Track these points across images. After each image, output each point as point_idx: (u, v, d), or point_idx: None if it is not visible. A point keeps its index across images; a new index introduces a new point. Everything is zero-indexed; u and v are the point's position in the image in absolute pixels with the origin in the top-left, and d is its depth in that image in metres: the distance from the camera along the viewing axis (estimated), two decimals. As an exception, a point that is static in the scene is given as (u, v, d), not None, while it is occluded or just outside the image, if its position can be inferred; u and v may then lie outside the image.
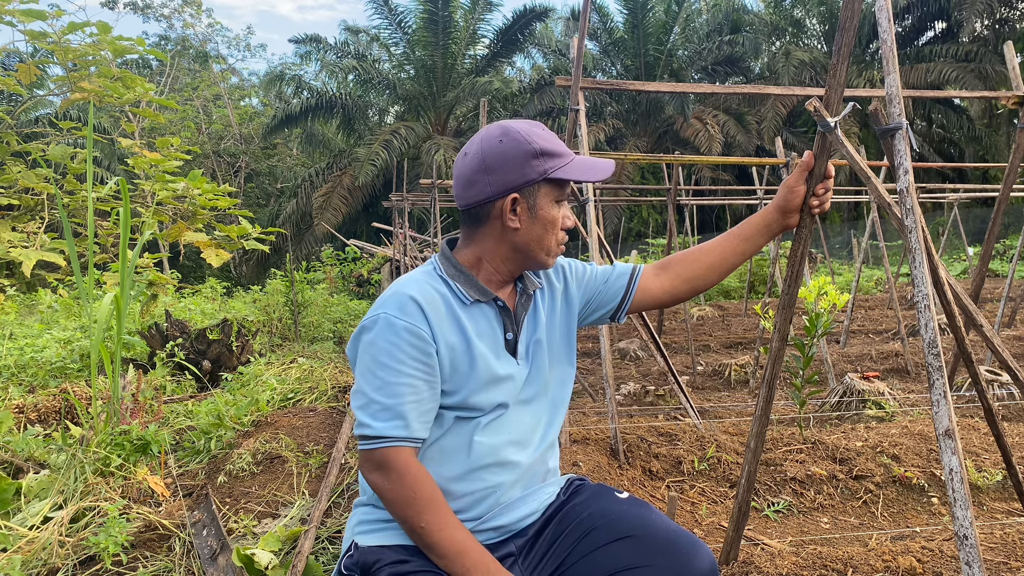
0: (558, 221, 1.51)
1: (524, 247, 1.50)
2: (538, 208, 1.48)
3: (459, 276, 1.52)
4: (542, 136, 1.49)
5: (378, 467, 1.40)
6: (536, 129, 1.50)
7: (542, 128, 1.52)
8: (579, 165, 1.51)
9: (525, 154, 1.46)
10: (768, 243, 1.83)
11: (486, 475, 1.50)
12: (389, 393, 1.39)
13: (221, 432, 3.80)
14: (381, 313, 1.43)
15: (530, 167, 1.46)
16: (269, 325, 8.79)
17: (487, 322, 1.52)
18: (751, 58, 26.96)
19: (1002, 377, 4.80)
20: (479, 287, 1.52)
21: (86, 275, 4.17)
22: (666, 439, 3.61)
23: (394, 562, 1.41)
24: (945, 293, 1.89)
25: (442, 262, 1.55)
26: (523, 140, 1.46)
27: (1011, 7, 24.23)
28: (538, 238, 1.50)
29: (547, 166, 1.46)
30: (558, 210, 1.51)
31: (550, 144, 1.48)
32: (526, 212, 1.48)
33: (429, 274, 1.53)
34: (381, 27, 25.05)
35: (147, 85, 4.25)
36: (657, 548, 1.44)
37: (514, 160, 1.46)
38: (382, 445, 1.39)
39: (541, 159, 1.46)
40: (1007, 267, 15.51)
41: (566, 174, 1.48)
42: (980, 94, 4.09)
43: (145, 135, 20.87)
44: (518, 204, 1.48)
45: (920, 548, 2.41)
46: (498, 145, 1.47)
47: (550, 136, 1.51)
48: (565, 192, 1.52)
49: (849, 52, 1.77)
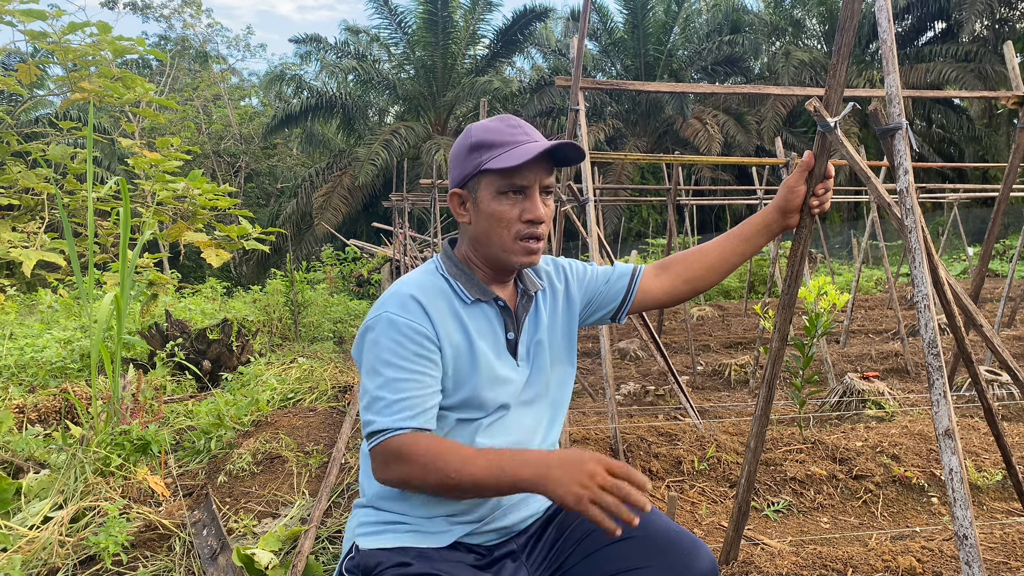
0: (504, 214, 1.44)
1: (480, 243, 1.50)
2: (479, 201, 1.47)
3: (460, 275, 1.51)
4: (487, 128, 1.47)
5: (394, 458, 1.35)
6: (491, 123, 1.48)
7: (499, 120, 1.48)
8: (513, 152, 1.43)
9: (465, 149, 1.48)
10: (768, 243, 1.83)
11: None
12: (395, 389, 1.38)
13: (221, 432, 3.80)
14: (383, 313, 1.43)
15: (468, 161, 1.47)
16: (269, 325, 8.79)
17: (488, 322, 1.52)
18: (751, 58, 26.96)
19: (1002, 377, 4.80)
20: (480, 286, 1.51)
21: (86, 275, 4.17)
22: (666, 439, 3.61)
23: (396, 565, 1.40)
24: (945, 293, 1.89)
25: (444, 261, 1.55)
26: (467, 135, 1.49)
27: (1011, 7, 24.24)
28: (485, 233, 1.47)
29: (482, 159, 1.45)
30: (504, 202, 1.45)
31: (490, 135, 1.45)
32: (473, 206, 1.49)
33: (431, 273, 1.53)
34: (381, 27, 25.07)
35: (147, 85, 4.26)
36: (658, 548, 1.44)
37: (459, 156, 1.49)
38: (392, 435, 1.35)
39: (477, 152, 1.45)
40: (1007, 267, 15.51)
41: (494, 164, 1.42)
42: (980, 94, 4.09)
43: (145, 135, 20.87)
44: (465, 199, 1.50)
45: (920, 548, 2.41)
46: (455, 146, 1.52)
47: (500, 128, 1.46)
48: (512, 183, 1.44)
49: (849, 52, 1.78)
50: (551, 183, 1.51)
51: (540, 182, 1.46)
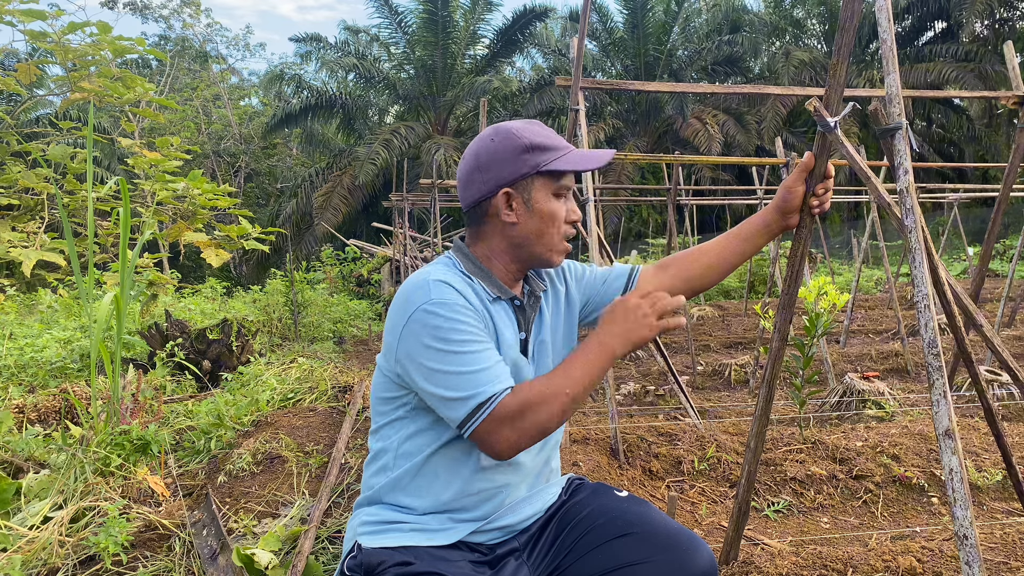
0: (558, 214, 1.50)
1: (524, 242, 1.51)
2: (534, 201, 1.48)
3: (479, 272, 1.52)
4: (534, 131, 1.50)
5: (517, 414, 1.34)
6: (531, 126, 1.51)
7: (538, 125, 1.52)
8: (574, 156, 1.51)
9: (516, 149, 1.47)
10: (768, 243, 1.84)
11: (495, 475, 1.51)
12: (480, 360, 1.37)
13: (221, 432, 3.79)
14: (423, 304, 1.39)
15: (521, 161, 1.47)
16: (269, 325, 8.80)
17: (508, 318, 1.53)
18: (751, 58, 26.95)
19: (1002, 377, 4.80)
20: (499, 285, 1.52)
21: (86, 275, 4.17)
22: (666, 439, 3.61)
23: (399, 563, 1.40)
24: (945, 293, 1.89)
25: (460, 259, 1.54)
26: (514, 136, 1.48)
27: (1011, 7, 24.23)
28: (537, 232, 1.50)
29: (539, 159, 1.47)
30: (557, 203, 1.50)
31: (542, 138, 1.49)
32: (522, 206, 1.49)
33: (449, 268, 1.52)
34: (381, 27, 25.06)
35: (147, 85, 4.26)
36: (657, 544, 1.45)
37: (505, 156, 1.48)
38: (504, 395, 1.35)
39: (532, 153, 1.47)
40: (1007, 267, 15.50)
41: (559, 165, 1.48)
42: (980, 94, 4.09)
43: (145, 135, 20.87)
44: (513, 199, 1.49)
45: (920, 548, 2.41)
46: (490, 144, 1.50)
47: (545, 131, 1.51)
48: (563, 185, 1.51)
49: (849, 52, 1.77)
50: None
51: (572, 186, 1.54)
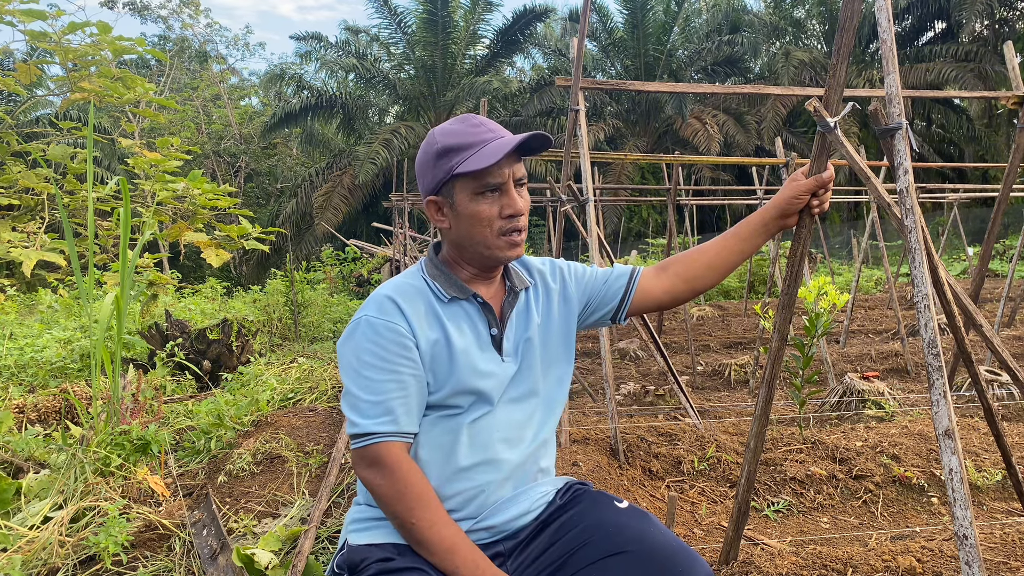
0: (482, 214, 1.47)
1: (462, 244, 1.53)
2: (457, 205, 1.49)
3: (439, 275, 1.56)
4: (452, 132, 1.48)
5: (370, 464, 1.43)
6: (452, 126, 1.50)
7: (460, 122, 1.50)
8: (484, 152, 1.45)
9: (433, 156, 1.49)
10: (767, 242, 1.84)
11: (474, 474, 1.50)
12: (375, 390, 1.43)
13: (221, 432, 3.80)
14: (362, 316, 1.48)
15: (438, 168, 1.48)
16: (269, 325, 8.80)
17: (467, 318, 1.55)
18: (751, 58, 26.96)
19: (1002, 377, 4.80)
20: (458, 285, 1.55)
21: (86, 275, 4.17)
22: (666, 439, 3.61)
23: (380, 560, 1.42)
24: (945, 293, 1.89)
25: (426, 263, 1.60)
26: (431, 142, 1.50)
27: (1011, 7, 24.24)
28: (468, 235, 1.50)
29: (452, 163, 1.46)
30: (482, 203, 1.47)
31: (456, 139, 1.47)
32: (450, 211, 1.51)
33: (412, 274, 1.58)
34: (381, 27, 25.04)
35: (147, 85, 4.25)
36: (652, 566, 1.40)
37: (426, 164, 1.51)
38: (372, 441, 1.42)
39: (446, 157, 1.47)
40: (1007, 267, 15.49)
41: (467, 167, 1.44)
42: (980, 94, 4.10)
43: (145, 135, 20.88)
44: (441, 205, 1.52)
45: (920, 548, 2.41)
46: (420, 153, 1.54)
47: (463, 129, 1.48)
48: (485, 184, 1.46)
49: (849, 52, 1.78)
50: (523, 174, 1.53)
51: (513, 176, 1.49)
